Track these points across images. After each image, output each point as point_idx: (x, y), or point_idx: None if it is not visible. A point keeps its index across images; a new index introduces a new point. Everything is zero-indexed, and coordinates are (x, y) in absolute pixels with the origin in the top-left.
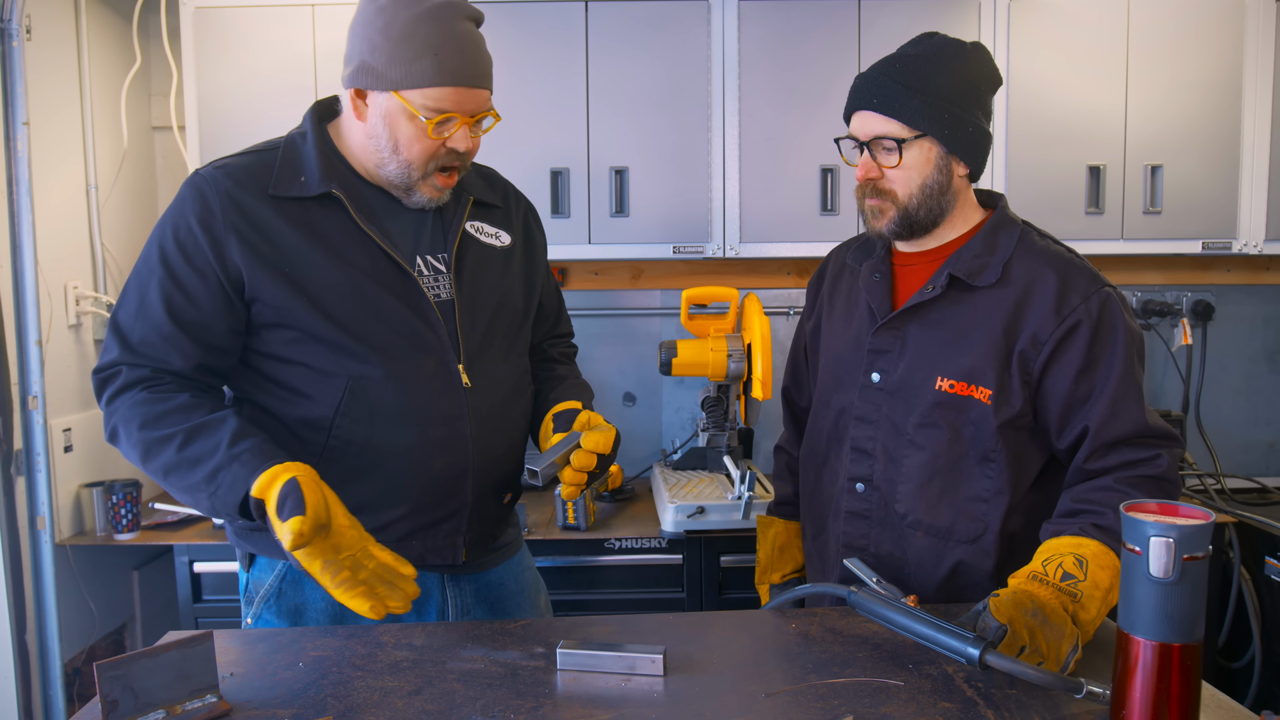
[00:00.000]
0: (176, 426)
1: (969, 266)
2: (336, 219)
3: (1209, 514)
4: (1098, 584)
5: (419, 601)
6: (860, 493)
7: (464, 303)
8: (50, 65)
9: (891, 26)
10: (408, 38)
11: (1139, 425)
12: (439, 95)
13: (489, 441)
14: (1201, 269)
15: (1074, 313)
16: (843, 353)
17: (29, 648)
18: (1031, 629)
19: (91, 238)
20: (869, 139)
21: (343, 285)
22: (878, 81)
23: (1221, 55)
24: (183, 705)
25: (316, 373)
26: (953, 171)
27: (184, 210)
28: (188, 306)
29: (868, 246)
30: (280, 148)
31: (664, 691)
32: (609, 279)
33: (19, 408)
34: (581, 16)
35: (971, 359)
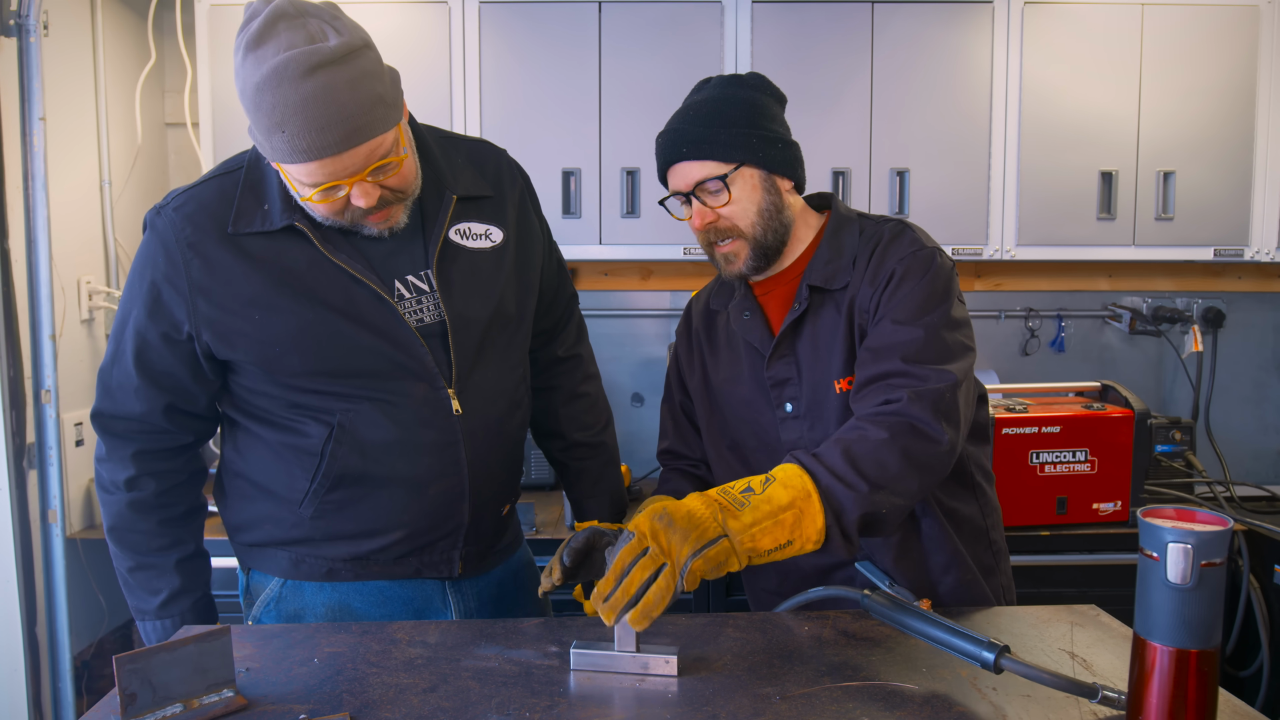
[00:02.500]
0: (133, 553)
1: (823, 273)
2: (305, 251)
3: (1228, 520)
4: (770, 499)
5: (421, 608)
6: None
7: (454, 321)
8: (66, 61)
9: (904, 31)
10: (258, 109)
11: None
12: (306, 170)
13: (484, 462)
14: (1213, 276)
15: (886, 270)
16: (746, 395)
17: (39, 640)
18: (655, 531)
19: (105, 233)
20: (691, 187)
21: (316, 326)
22: (679, 132)
23: (1235, 61)
24: (199, 699)
25: (301, 410)
26: (779, 189)
27: (150, 267)
28: (155, 360)
29: (726, 288)
30: (244, 168)
31: (678, 692)
32: (619, 279)
33: (32, 401)
34: (595, 17)
35: (847, 352)
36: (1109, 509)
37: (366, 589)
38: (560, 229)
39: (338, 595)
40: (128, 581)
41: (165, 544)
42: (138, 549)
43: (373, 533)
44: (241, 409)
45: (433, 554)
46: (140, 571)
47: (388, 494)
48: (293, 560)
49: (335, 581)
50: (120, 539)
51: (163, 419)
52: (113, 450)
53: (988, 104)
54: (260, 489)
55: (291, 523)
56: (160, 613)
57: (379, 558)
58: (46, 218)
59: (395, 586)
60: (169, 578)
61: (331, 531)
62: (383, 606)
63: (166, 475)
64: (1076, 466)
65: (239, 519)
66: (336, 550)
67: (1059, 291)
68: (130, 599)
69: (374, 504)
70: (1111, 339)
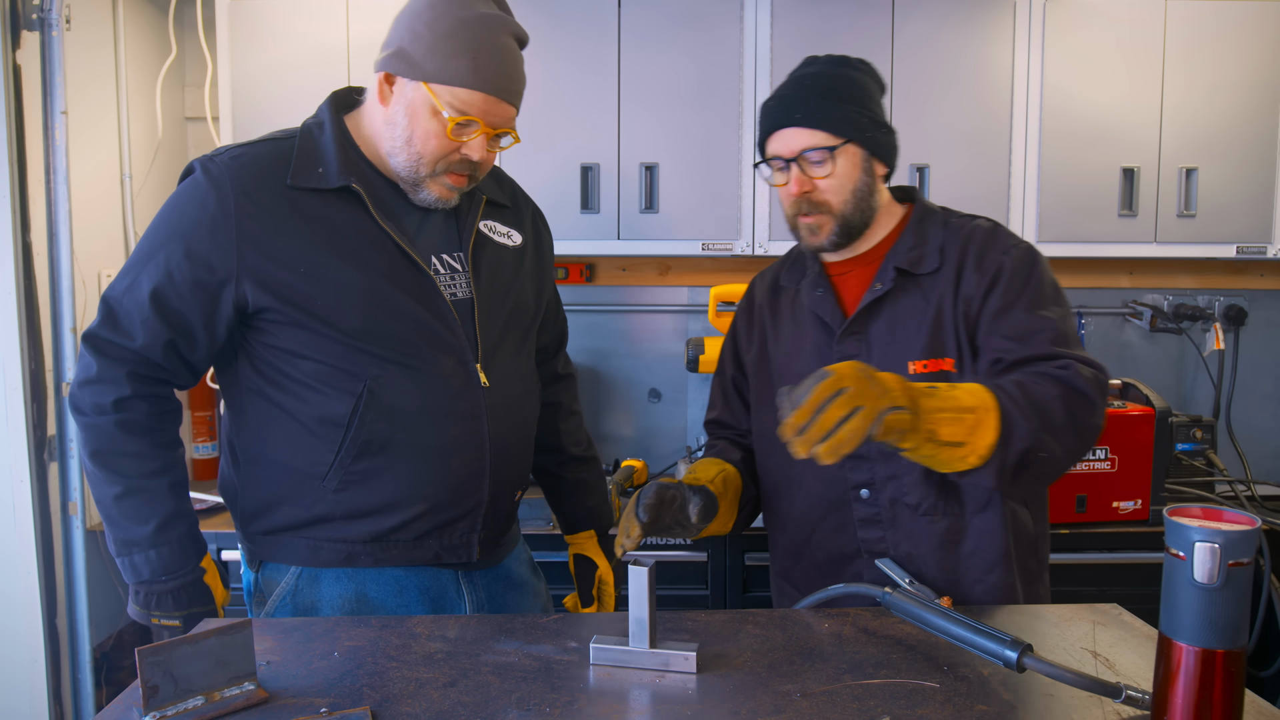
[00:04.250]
0: (121, 477)
1: (908, 258)
2: (354, 215)
3: (1255, 519)
4: (955, 396)
5: (437, 597)
6: (866, 498)
7: (482, 301)
8: (88, 56)
9: (925, 27)
10: (451, 35)
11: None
12: (467, 98)
13: (504, 440)
14: (1235, 273)
15: (995, 264)
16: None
17: (59, 631)
18: (857, 377)
19: (125, 227)
20: (795, 154)
21: (360, 286)
22: (794, 97)
23: (1259, 57)
24: (221, 692)
25: (334, 370)
26: (875, 173)
27: (196, 207)
28: (174, 298)
29: (798, 266)
30: (296, 136)
31: (697, 689)
32: (637, 275)
33: (53, 394)
34: (614, 12)
35: (931, 335)
36: (1129, 507)
37: (384, 577)
38: (578, 224)
39: (354, 585)
40: (113, 513)
41: (157, 467)
42: (127, 472)
43: (395, 506)
44: (266, 377)
45: (452, 536)
46: (130, 497)
47: (412, 463)
48: (311, 546)
49: (354, 567)
50: (107, 463)
51: (160, 354)
52: (105, 370)
53: (1008, 99)
54: (279, 467)
55: (312, 499)
56: (155, 539)
57: (399, 538)
58: (68, 211)
59: (412, 575)
60: (162, 502)
61: (354, 506)
62: (399, 596)
63: (156, 400)
64: (1096, 465)
65: (253, 505)
66: (357, 530)
67: (1079, 288)
68: (115, 531)
69: (398, 474)
70: (1132, 336)
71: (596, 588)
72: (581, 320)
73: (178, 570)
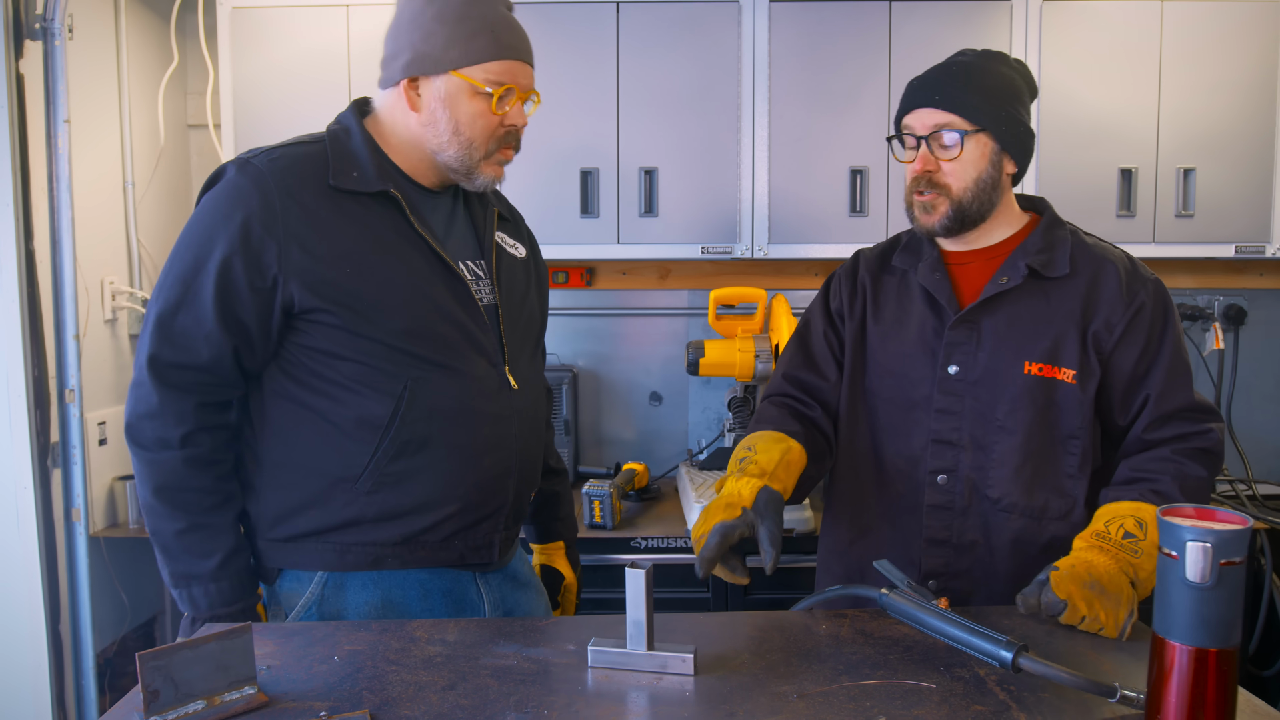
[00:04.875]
0: (186, 513)
1: (1038, 259)
2: (391, 218)
3: (1247, 519)
4: (1157, 544)
5: (459, 599)
6: (942, 484)
7: (505, 307)
8: (91, 64)
9: (923, 30)
10: (463, 19)
11: (1190, 400)
12: (500, 69)
13: (528, 441)
14: (1234, 273)
15: (1138, 297)
16: (905, 350)
17: (62, 638)
18: (1089, 600)
19: (128, 234)
20: (928, 132)
21: (403, 286)
22: (938, 80)
23: (1256, 57)
24: (221, 696)
25: (374, 371)
26: (1003, 168)
27: (241, 209)
28: (235, 308)
29: (912, 248)
30: (325, 141)
31: (695, 691)
32: (637, 279)
33: (56, 401)
34: (613, 17)
35: (1054, 342)
36: None
37: (409, 580)
38: (578, 228)
39: (380, 591)
40: (173, 547)
41: (219, 501)
42: (191, 509)
43: (427, 506)
44: (300, 381)
45: (477, 536)
46: (193, 533)
47: (447, 464)
48: (338, 550)
49: (380, 571)
50: (171, 499)
51: (229, 367)
52: (169, 403)
53: None
54: (308, 471)
55: (343, 503)
56: (217, 574)
57: (428, 539)
58: (70, 219)
59: (435, 577)
60: (225, 537)
61: (387, 508)
62: (424, 600)
63: (219, 430)
64: None
65: (275, 511)
66: (386, 533)
67: None
68: (174, 565)
69: (433, 475)
70: None
71: (561, 596)
72: (582, 324)
73: (237, 602)
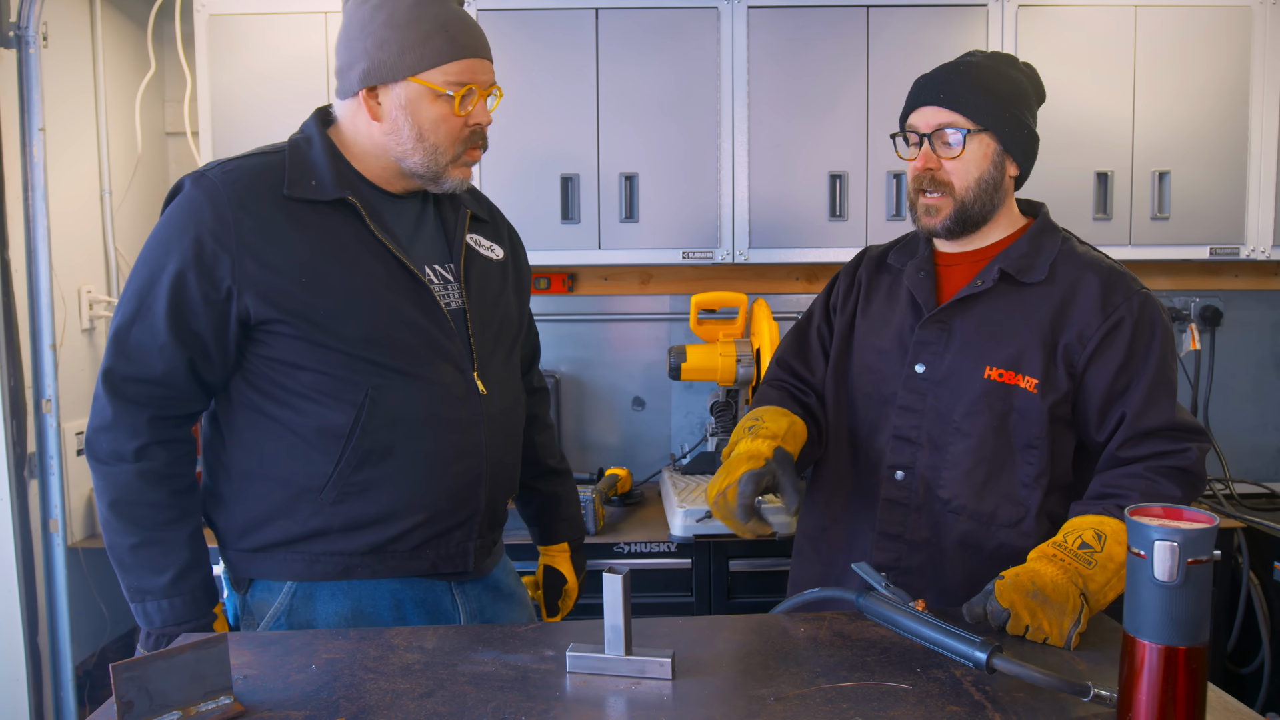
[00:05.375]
0: (139, 528)
1: (1017, 264)
2: (350, 226)
3: (1213, 518)
4: (1112, 556)
5: (432, 609)
6: (899, 480)
7: (474, 311)
8: (66, 72)
9: (900, 35)
10: (414, 22)
11: (1170, 419)
12: (458, 69)
13: (500, 448)
14: (1209, 274)
15: (1117, 310)
16: (882, 345)
17: (41, 649)
18: (1032, 609)
19: (105, 242)
20: (931, 130)
21: (361, 294)
22: (943, 79)
23: (1229, 61)
24: (197, 707)
25: (334, 380)
26: (1005, 170)
27: (194, 223)
28: (190, 317)
29: (909, 247)
30: (285, 150)
31: (673, 695)
32: (618, 284)
33: (33, 411)
34: (592, 24)
35: (1018, 349)
36: None
37: (379, 590)
38: (559, 234)
39: (350, 601)
40: (127, 561)
41: (174, 516)
42: (144, 523)
43: (394, 516)
44: (262, 391)
45: (449, 545)
46: (146, 548)
47: (412, 472)
48: (307, 560)
49: (351, 580)
50: (125, 513)
51: (184, 380)
52: (123, 416)
53: None
54: (274, 482)
55: (309, 513)
56: (170, 590)
57: (397, 549)
58: (47, 228)
59: (407, 587)
60: (179, 553)
61: (353, 518)
62: (396, 610)
63: (175, 444)
64: None
65: (243, 522)
66: (354, 542)
67: None
68: (129, 579)
69: (399, 484)
70: None
71: (562, 599)
72: (564, 330)
73: (190, 620)
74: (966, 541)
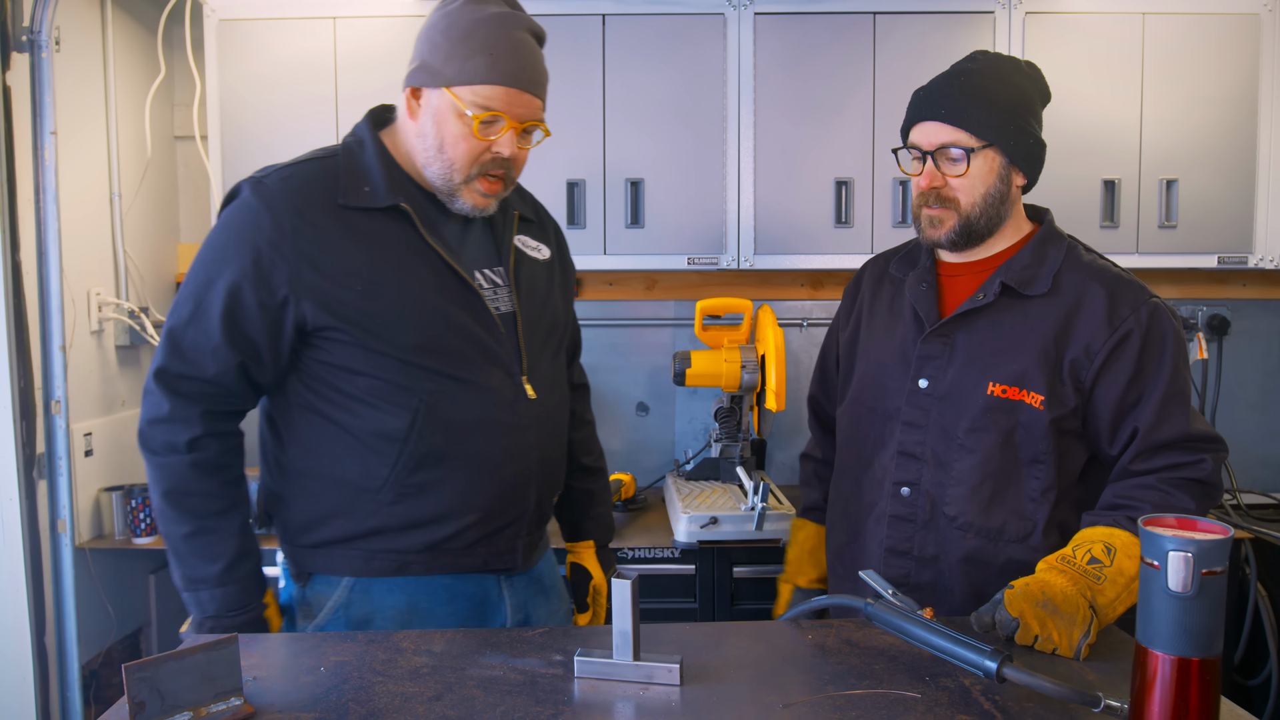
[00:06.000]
0: (193, 517)
1: (1019, 276)
2: (402, 232)
3: (1228, 529)
4: (1122, 570)
5: (480, 601)
6: (905, 497)
7: (524, 314)
8: (77, 76)
9: (906, 41)
10: (466, 37)
11: (1184, 431)
12: (488, 94)
13: (548, 448)
14: (1217, 283)
15: (1125, 323)
16: (885, 359)
17: (48, 649)
18: (1041, 619)
19: (114, 245)
20: (934, 148)
21: (414, 301)
22: (943, 92)
23: (1237, 69)
24: (208, 707)
25: (389, 385)
26: (1012, 181)
27: (252, 230)
28: (244, 322)
29: (911, 257)
30: (339, 155)
31: (680, 701)
32: (624, 289)
33: (42, 412)
34: (599, 30)
35: (1023, 364)
36: None
37: (434, 585)
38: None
39: (406, 595)
40: (182, 550)
41: (226, 506)
42: (198, 512)
43: (449, 516)
44: (321, 395)
45: (500, 542)
46: (199, 537)
47: (466, 474)
48: (364, 557)
49: (405, 576)
50: (179, 503)
51: (235, 380)
52: (177, 409)
53: None
54: (332, 482)
55: (367, 513)
56: (223, 579)
57: (450, 546)
58: (57, 230)
59: (460, 582)
60: (230, 542)
61: (409, 518)
62: (450, 604)
63: (227, 437)
64: None
65: (303, 519)
66: (410, 540)
67: None
68: (183, 569)
69: (453, 485)
70: None
71: (590, 597)
72: None
73: (242, 608)
74: (974, 558)
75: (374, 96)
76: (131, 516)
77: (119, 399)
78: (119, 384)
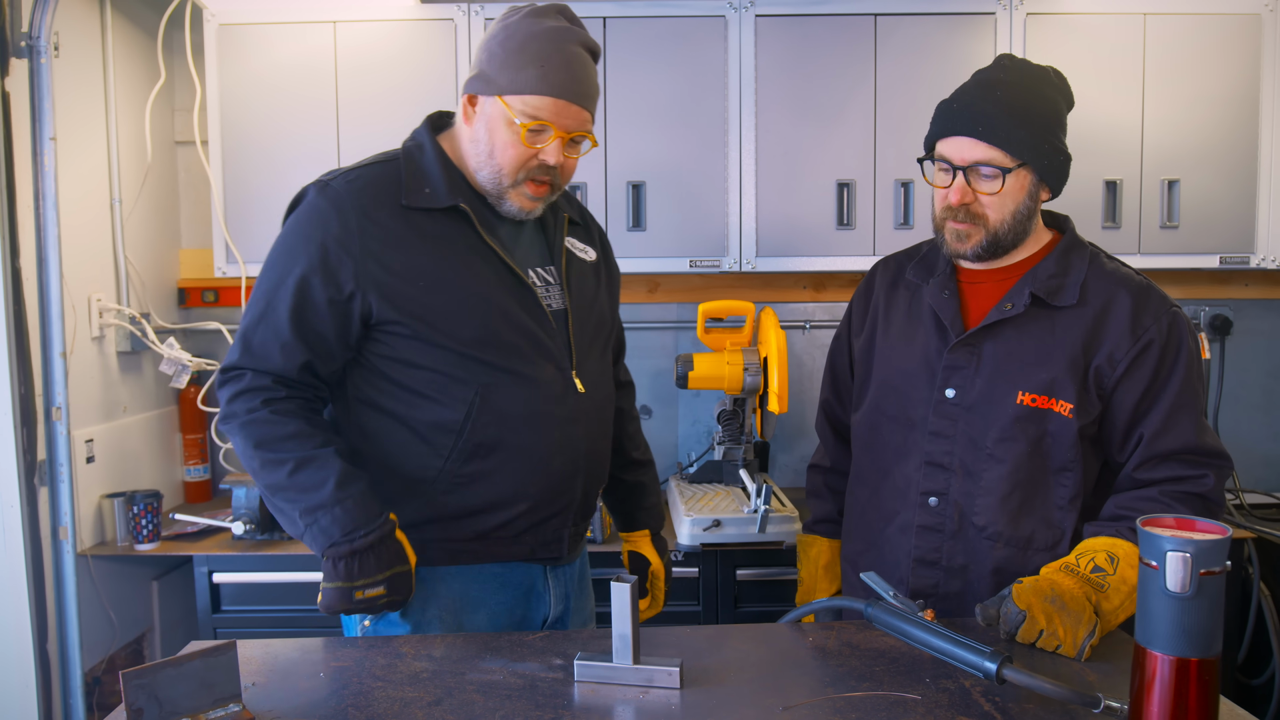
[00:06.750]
0: (290, 454)
1: (1046, 286)
2: (461, 232)
3: (1225, 529)
4: (1125, 579)
5: (526, 590)
6: (933, 507)
7: (575, 312)
8: (77, 81)
9: (907, 42)
10: (521, 49)
11: (1189, 442)
12: (537, 104)
13: (595, 441)
14: (1219, 283)
15: (1147, 332)
16: (908, 368)
17: (50, 656)
18: (1049, 614)
19: (115, 251)
20: (967, 165)
21: (474, 297)
22: (980, 108)
23: (1238, 69)
24: (206, 714)
25: (447, 378)
26: (1039, 197)
27: (320, 229)
28: (312, 320)
29: (927, 262)
30: (400, 159)
31: (681, 704)
32: (626, 292)
33: (43, 419)
34: (600, 32)
35: (1052, 373)
36: None
37: (485, 574)
38: None
39: (460, 583)
40: (289, 490)
41: (321, 440)
42: (292, 449)
43: (499, 506)
44: (379, 388)
45: (546, 532)
46: (301, 470)
47: (517, 466)
48: (419, 545)
49: (458, 565)
50: (273, 447)
51: (297, 374)
52: (251, 381)
53: None
54: (390, 472)
55: (422, 502)
56: (336, 496)
57: (500, 535)
58: (57, 236)
59: (509, 570)
60: (332, 463)
61: (461, 507)
62: (499, 593)
63: (304, 401)
64: None
65: None
66: (463, 529)
67: None
68: (294, 507)
69: (504, 476)
70: None
71: (649, 582)
72: None
73: (367, 523)
74: (1004, 568)
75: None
76: (133, 523)
77: (120, 405)
78: (120, 390)
